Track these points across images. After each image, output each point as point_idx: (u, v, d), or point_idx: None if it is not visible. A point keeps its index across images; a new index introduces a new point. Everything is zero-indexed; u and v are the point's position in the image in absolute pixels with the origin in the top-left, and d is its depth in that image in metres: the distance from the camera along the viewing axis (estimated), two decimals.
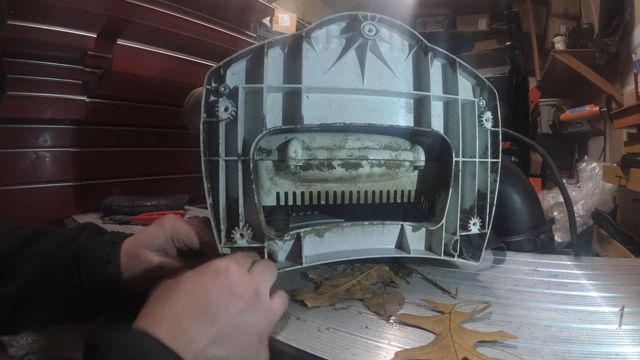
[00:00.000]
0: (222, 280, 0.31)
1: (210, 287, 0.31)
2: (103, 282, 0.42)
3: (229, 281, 0.31)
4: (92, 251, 0.43)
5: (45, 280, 0.41)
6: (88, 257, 0.42)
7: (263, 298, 0.33)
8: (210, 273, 0.32)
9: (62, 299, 0.41)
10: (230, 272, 0.32)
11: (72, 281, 0.41)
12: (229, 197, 0.46)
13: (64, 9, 1.01)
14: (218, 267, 0.32)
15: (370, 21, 0.47)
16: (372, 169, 0.51)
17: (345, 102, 0.48)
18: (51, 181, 1.12)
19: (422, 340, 0.37)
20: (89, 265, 0.42)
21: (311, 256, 0.50)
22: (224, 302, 0.30)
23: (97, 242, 0.44)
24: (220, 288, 0.31)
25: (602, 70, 2.26)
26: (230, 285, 0.31)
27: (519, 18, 1.75)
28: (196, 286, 0.31)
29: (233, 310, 0.30)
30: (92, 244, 0.43)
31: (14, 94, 1.03)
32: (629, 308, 0.42)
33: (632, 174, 1.43)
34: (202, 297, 0.30)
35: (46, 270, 0.41)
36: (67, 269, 0.42)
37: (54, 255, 0.42)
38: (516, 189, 0.73)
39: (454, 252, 0.53)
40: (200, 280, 0.31)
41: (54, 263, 0.41)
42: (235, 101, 0.45)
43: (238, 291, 0.31)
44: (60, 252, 0.42)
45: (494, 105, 0.54)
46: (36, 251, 0.42)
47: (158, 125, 1.37)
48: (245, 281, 0.32)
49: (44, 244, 0.43)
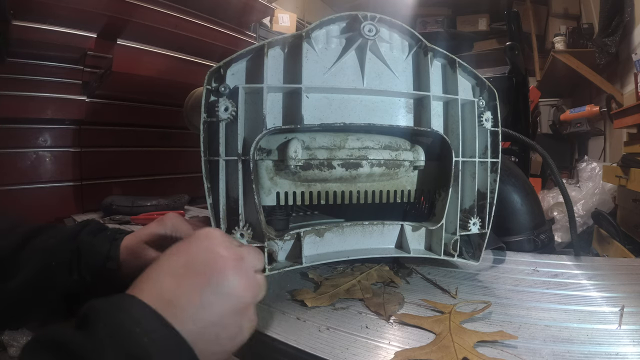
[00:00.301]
0: (205, 243, 0.31)
1: (194, 249, 0.31)
2: (102, 277, 0.42)
3: (211, 243, 0.31)
4: (93, 247, 0.43)
5: (46, 275, 0.41)
6: (88, 253, 0.43)
7: (247, 263, 0.32)
8: (193, 238, 0.32)
9: (63, 294, 0.42)
10: (213, 235, 0.32)
11: (72, 276, 0.42)
12: (229, 196, 0.46)
13: (64, 9, 1.01)
14: (200, 233, 0.32)
15: (370, 21, 0.47)
16: (372, 168, 0.51)
17: (345, 102, 0.48)
18: (51, 181, 1.12)
19: (422, 340, 0.37)
20: (89, 260, 0.42)
21: (311, 256, 0.50)
22: (206, 262, 0.30)
23: (97, 238, 0.44)
24: (203, 250, 0.31)
25: (602, 70, 2.26)
26: (212, 247, 0.31)
27: (519, 18, 1.75)
28: (180, 251, 0.31)
29: (216, 269, 0.30)
30: (92, 240, 0.44)
31: (14, 94, 1.03)
32: (629, 308, 0.42)
33: (632, 174, 1.43)
34: (184, 260, 0.30)
35: (48, 265, 0.41)
36: (68, 264, 0.42)
37: (55, 250, 0.42)
38: (516, 189, 0.73)
39: (453, 252, 0.53)
40: (184, 245, 0.31)
41: (55, 258, 0.42)
42: (235, 101, 0.45)
43: (220, 251, 0.31)
44: (62, 247, 0.42)
45: (494, 105, 0.54)
46: (38, 247, 0.42)
47: (158, 125, 1.37)
48: (229, 244, 0.32)
49: (46, 240, 0.43)
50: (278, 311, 0.43)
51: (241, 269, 0.31)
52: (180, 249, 0.31)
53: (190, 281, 0.28)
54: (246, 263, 0.32)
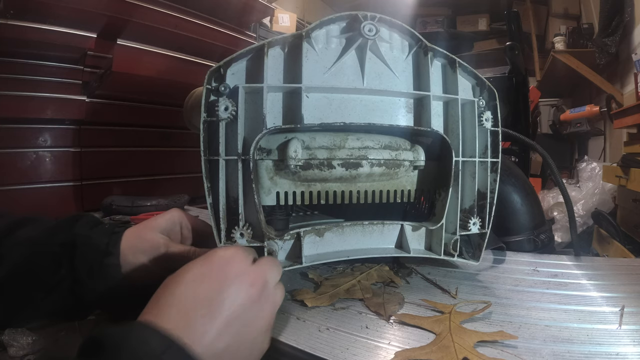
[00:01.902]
0: (229, 269, 0.30)
1: (217, 276, 0.30)
2: (99, 273, 0.39)
3: (236, 270, 0.30)
4: (90, 240, 0.40)
5: (30, 267, 0.38)
6: (85, 247, 0.39)
7: (270, 288, 0.32)
8: (215, 262, 0.30)
9: (48, 291, 0.38)
10: (237, 261, 0.31)
11: (61, 271, 0.38)
12: (229, 196, 0.46)
13: (64, 9, 1.01)
14: (224, 256, 0.31)
15: (370, 21, 0.47)
16: (372, 168, 0.51)
17: (345, 102, 0.48)
18: (51, 181, 1.12)
19: (422, 340, 0.37)
20: (85, 255, 0.39)
21: (311, 256, 0.50)
22: (233, 292, 0.29)
23: (95, 231, 0.41)
24: (228, 278, 0.30)
25: (602, 70, 2.26)
26: (238, 275, 0.30)
27: (519, 18, 1.75)
28: (202, 277, 0.29)
29: (241, 301, 0.29)
30: (89, 233, 0.40)
31: (14, 94, 1.03)
32: (629, 308, 0.42)
33: (632, 174, 1.43)
34: (209, 287, 0.29)
35: (32, 257, 0.38)
36: (57, 258, 0.39)
37: (41, 242, 0.39)
38: (516, 189, 0.73)
39: (453, 252, 0.53)
40: (206, 270, 0.30)
41: (41, 250, 0.38)
42: (235, 101, 0.45)
43: (248, 281, 0.30)
44: (49, 240, 0.39)
45: (494, 105, 0.54)
46: (21, 237, 0.39)
47: (158, 125, 1.37)
48: (254, 271, 0.31)
49: (31, 231, 0.40)
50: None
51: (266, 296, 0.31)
52: (202, 274, 0.30)
53: (217, 312, 0.28)
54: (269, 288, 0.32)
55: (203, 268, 0.30)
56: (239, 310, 0.29)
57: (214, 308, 0.28)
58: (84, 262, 0.39)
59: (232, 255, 0.31)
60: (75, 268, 0.39)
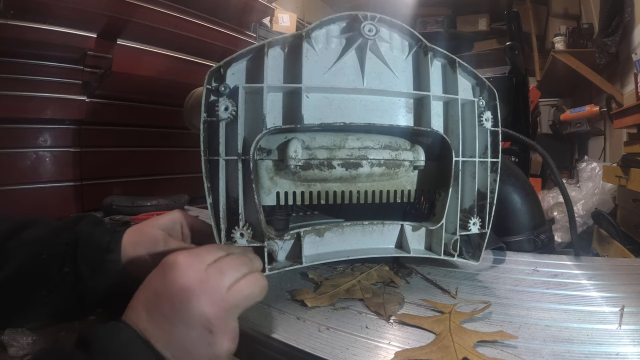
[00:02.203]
0: (169, 274, 0.32)
1: (160, 280, 0.32)
2: (101, 270, 0.40)
3: (175, 272, 0.32)
4: (92, 237, 0.41)
5: (36, 268, 0.39)
6: (87, 244, 0.40)
7: (215, 289, 0.32)
8: (159, 268, 0.33)
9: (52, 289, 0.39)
10: (176, 263, 0.32)
11: (64, 268, 0.39)
12: (229, 196, 0.46)
13: (64, 9, 1.01)
14: (165, 262, 0.33)
15: (370, 21, 0.47)
16: (372, 168, 0.51)
17: (345, 102, 0.48)
18: (51, 181, 1.12)
19: (422, 340, 0.37)
20: (87, 252, 0.40)
21: (311, 256, 0.50)
22: (170, 293, 0.31)
23: (97, 229, 0.42)
24: (168, 281, 0.32)
25: (602, 70, 2.26)
26: (175, 276, 0.31)
27: (519, 18, 1.75)
28: (151, 282, 0.33)
29: (177, 304, 0.31)
30: (92, 230, 0.42)
31: (14, 94, 1.03)
32: (629, 308, 0.42)
33: (632, 174, 1.43)
34: (154, 291, 0.32)
35: (38, 257, 0.39)
36: (60, 257, 0.40)
37: (47, 242, 0.40)
38: (516, 189, 0.73)
39: (453, 252, 0.53)
40: (155, 275, 0.33)
41: (47, 250, 0.39)
42: (235, 101, 0.45)
43: (183, 280, 0.31)
44: (54, 240, 0.40)
45: (494, 105, 0.54)
46: (26, 239, 0.40)
47: (158, 125, 1.37)
48: (197, 266, 0.32)
49: (36, 232, 0.41)
50: (278, 311, 0.43)
51: (205, 299, 0.31)
52: (153, 279, 0.33)
53: (159, 313, 0.31)
54: (211, 286, 0.32)
55: (154, 274, 0.33)
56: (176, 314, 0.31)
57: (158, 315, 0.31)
58: (86, 260, 0.40)
59: (176, 258, 0.33)
60: (77, 265, 0.40)
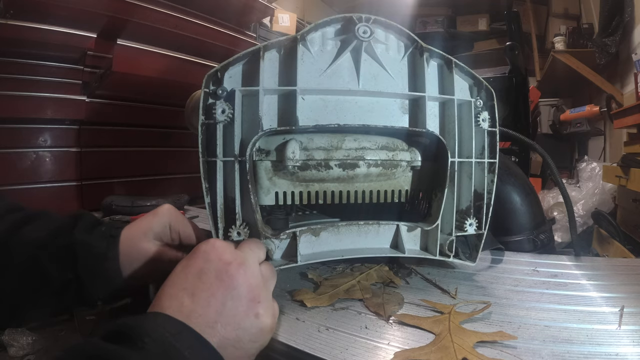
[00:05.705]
0: (212, 255, 0.33)
1: (201, 262, 0.33)
2: (101, 276, 0.41)
3: (217, 253, 0.34)
4: (90, 248, 0.41)
5: (36, 269, 0.39)
6: (85, 253, 0.41)
7: (251, 264, 0.35)
8: (199, 251, 0.34)
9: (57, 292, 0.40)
10: (216, 245, 0.34)
11: (67, 275, 0.40)
12: (227, 196, 0.46)
13: (63, 9, 1.01)
14: (204, 245, 0.34)
15: (365, 23, 0.47)
16: (369, 169, 0.51)
17: (340, 104, 0.48)
18: (51, 181, 1.12)
19: (422, 340, 0.37)
20: (86, 261, 0.41)
21: (306, 255, 0.50)
22: (216, 271, 0.32)
23: (93, 236, 0.42)
24: (211, 261, 0.33)
25: (602, 70, 2.26)
26: (218, 256, 0.33)
27: (519, 18, 1.75)
28: (190, 265, 0.33)
29: (227, 275, 0.32)
30: (89, 239, 0.42)
31: (15, 94, 1.03)
32: (629, 308, 0.42)
33: (632, 174, 1.43)
34: (196, 273, 0.32)
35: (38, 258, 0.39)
36: (60, 261, 0.40)
37: (43, 244, 0.40)
38: (516, 189, 0.73)
39: (449, 253, 0.53)
40: (193, 259, 0.33)
41: (43, 253, 0.40)
42: (232, 103, 0.45)
43: (226, 258, 0.33)
44: (50, 242, 0.41)
45: (492, 105, 0.54)
46: (26, 237, 0.40)
47: (158, 125, 1.36)
48: (231, 250, 0.35)
49: (34, 231, 0.41)
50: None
51: (247, 271, 0.34)
52: (190, 263, 0.33)
53: (205, 292, 0.31)
54: (250, 263, 0.35)
55: (191, 258, 0.34)
56: (224, 290, 0.32)
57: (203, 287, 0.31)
58: (86, 268, 0.41)
59: (214, 242, 0.35)
60: (78, 273, 0.41)
